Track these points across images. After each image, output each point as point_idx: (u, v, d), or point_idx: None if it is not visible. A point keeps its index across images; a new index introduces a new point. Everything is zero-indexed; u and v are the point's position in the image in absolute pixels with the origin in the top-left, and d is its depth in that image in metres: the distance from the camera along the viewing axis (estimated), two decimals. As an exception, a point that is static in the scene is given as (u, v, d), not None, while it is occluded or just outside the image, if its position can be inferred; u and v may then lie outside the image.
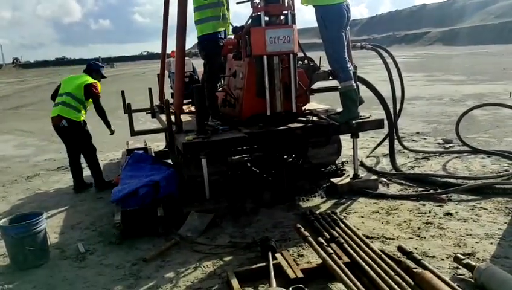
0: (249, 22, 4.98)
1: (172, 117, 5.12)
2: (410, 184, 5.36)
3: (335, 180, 5.27)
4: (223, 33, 5.25)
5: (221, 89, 5.72)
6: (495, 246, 3.62)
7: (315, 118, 5.09)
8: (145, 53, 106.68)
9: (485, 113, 9.46)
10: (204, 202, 4.70)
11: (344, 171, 5.65)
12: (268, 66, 4.73)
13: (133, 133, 5.39)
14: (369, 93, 5.95)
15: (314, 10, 4.85)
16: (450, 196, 4.82)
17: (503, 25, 77.06)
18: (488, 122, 8.86)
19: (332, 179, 5.32)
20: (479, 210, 4.40)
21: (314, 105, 5.85)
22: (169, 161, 6.33)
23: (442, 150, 6.93)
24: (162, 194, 4.66)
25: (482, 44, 60.07)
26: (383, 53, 6.37)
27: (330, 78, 5.26)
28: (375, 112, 6.61)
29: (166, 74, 7.54)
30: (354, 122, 4.97)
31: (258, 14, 4.74)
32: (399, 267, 3.09)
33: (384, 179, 5.52)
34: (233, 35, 5.79)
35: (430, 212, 4.43)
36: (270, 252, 3.48)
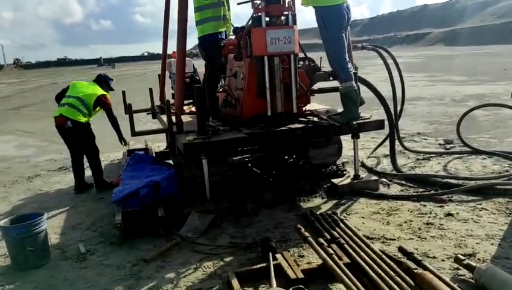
0: (249, 22, 4.98)
1: (173, 118, 5.13)
2: (410, 185, 5.36)
3: (336, 181, 5.27)
4: (224, 33, 5.25)
5: (222, 89, 5.72)
6: (496, 246, 3.62)
7: (316, 119, 5.09)
8: (146, 54, 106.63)
9: (486, 114, 9.45)
10: (205, 202, 4.71)
11: (345, 172, 5.66)
12: (269, 66, 4.73)
13: (134, 133, 5.41)
14: (370, 93, 5.96)
15: (314, 11, 4.85)
16: (451, 197, 4.81)
17: (505, 25, 76.88)
18: (489, 122, 8.85)
19: (333, 180, 5.32)
20: (480, 211, 4.40)
21: (314, 106, 5.85)
22: (170, 162, 6.34)
23: (443, 150, 6.93)
24: (162, 194, 4.66)
25: (483, 44, 59.97)
26: (384, 53, 6.38)
27: (331, 78, 5.26)
28: (376, 113, 6.61)
29: (167, 74, 7.55)
30: (354, 122, 4.96)
31: (259, 14, 4.74)
32: (399, 268, 3.09)
33: (385, 180, 5.52)
34: (234, 36, 5.80)
35: (430, 213, 4.43)
36: (270, 253, 3.48)
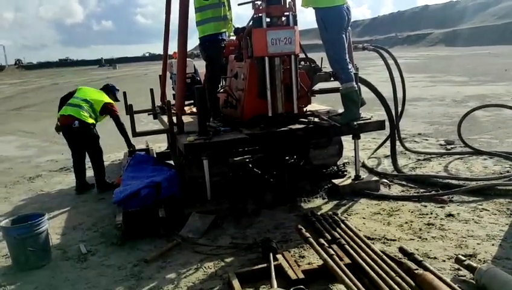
0: (250, 23, 4.99)
1: (174, 118, 5.13)
2: (411, 185, 5.35)
3: (336, 182, 5.27)
4: (225, 34, 5.25)
5: (222, 90, 5.73)
6: (496, 247, 3.62)
7: (316, 119, 5.09)
8: (147, 54, 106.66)
9: (487, 114, 9.44)
10: (206, 203, 4.71)
11: (345, 173, 5.66)
12: (269, 67, 4.73)
13: (135, 134, 5.42)
14: (371, 94, 5.96)
15: (315, 12, 4.85)
16: (452, 197, 4.81)
17: (506, 26, 76.74)
18: (490, 123, 8.84)
19: (333, 180, 5.32)
20: (481, 211, 4.40)
21: (315, 106, 5.84)
22: (171, 162, 6.34)
23: (443, 151, 6.92)
24: (163, 195, 4.67)
25: (484, 45, 59.87)
26: (385, 54, 6.38)
27: (331, 79, 5.26)
28: (377, 113, 6.61)
29: (168, 75, 7.56)
30: (355, 123, 4.96)
31: (260, 15, 4.75)
32: (400, 268, 3.09)
33: (385, 180, 5.51)
34: (234, 37, 5.80)
35: (431, 214, 4.43)
36: (271, 253, 3.48)
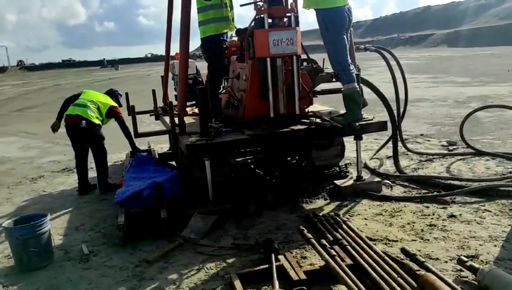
0: (252, 24, 4.99)
1: (176, 119, 5.14)
2: (413, 186, 5.35)
3: (338, 182, 5.27)
4: (226, 35, 5.25)
5: (224, 91, 5.73)
6: (499, 248, 3.61)
7: (318, 120, 5.08)
8: (149, 55, 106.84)
9: (490, 115, 9.43)
10: (208, 203, 4.70)
11: (347, 173, 5.65)
12: (271, 68, 4.74)
13: (137, 135, 5.43)
14: (373, 95, 5.96)
15: (316, 13, 4.85)
16: (454, 198, 4.80)
17: (508, 26, 76.58)
18: (492, 124, 8.83)
19: (335, 181, 5.32)
20: (483, 212, 4.39)
21: (317, 107, 5.84)
22: (173, 163, 6.35)
23: (446, 152, 6.91)
24: (165, 196, 4.67)
25: (486, 46, 59.80)
26: (387, 55, 6.37)
27: (333, 80, 5.26)
28: (379, 114, 6.60)
29: (170, 76, 7.56)
30: (357, 124, 4.95)
31: (262, 16, 4.75)
32: (402, 269, 3.08)
33: (387, 181, 5.51)
34: (236, 37, 5.80)
35: (433, 215, 4.42)
36: (273, 254, 3.48)
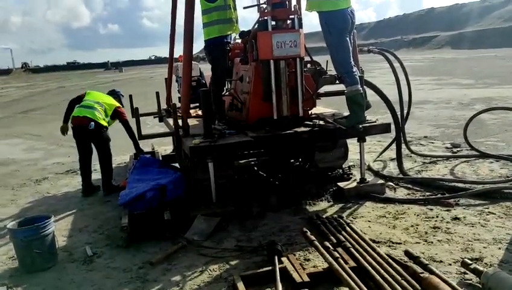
0: (255, 26, 5.00)
1: (180, 121, 5.15)
2: (417, 188, 5.33)
3: (342, 185, 5.26)
4: (230, 37, 5.26)
5: (228, 93, 5.74)
6: (503, 251, 3.59)
7: (322, 122, 5.07)
8: (153, 57, 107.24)
9: (494, 117, 9.39)
10: (211, 205, 4.71)
11: (351, 175, 5.65)
12: (275, 70, 4.74)
13: (141, 137, 5.44)
14: (377, 97, 5.95)
15: (318, 16, 4.85)
16: (458, 201, 4.79)
17: (512, 28, 76.55)
18: (496, 126, 8.79)
19: (339, 183, 5.31)
20: (487, 215, 4.37)
21: (320, 109, 5.85)
22: (176, 165, 6.36)
23: (450, 154, 6.89)
24: (169, 197, 4.68)
25: (490, 48, 59.63)
26: (390, 57, 6.37)
27: (337, 82, 5.26)
28: (383, 116, 6.59)
29: (174, 78, 7.59)
30: (360, 126, 4.95)
31: (265, 18, 4.76)
32: (406, 271, 3.07)
33: (391, 183, 5.49)
34: (240, 40, 5.82)
35: (437, 217, 4.40)
36: (276, 256, 3.47)
